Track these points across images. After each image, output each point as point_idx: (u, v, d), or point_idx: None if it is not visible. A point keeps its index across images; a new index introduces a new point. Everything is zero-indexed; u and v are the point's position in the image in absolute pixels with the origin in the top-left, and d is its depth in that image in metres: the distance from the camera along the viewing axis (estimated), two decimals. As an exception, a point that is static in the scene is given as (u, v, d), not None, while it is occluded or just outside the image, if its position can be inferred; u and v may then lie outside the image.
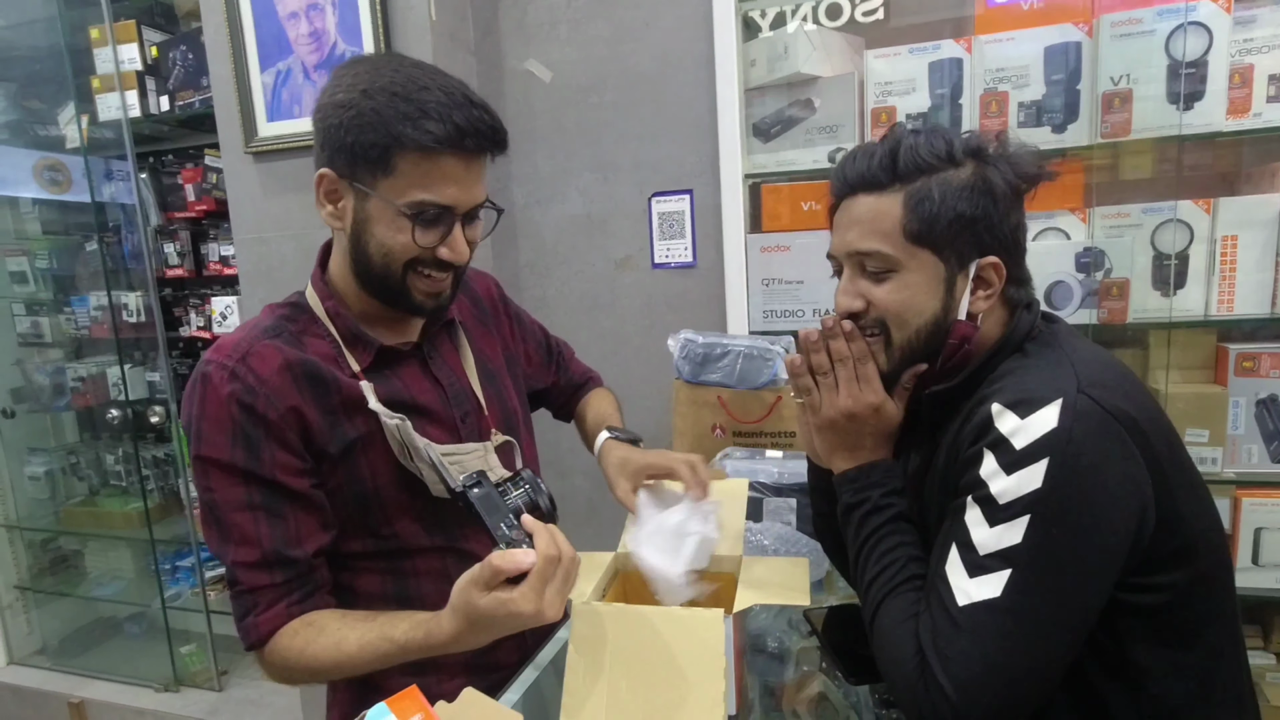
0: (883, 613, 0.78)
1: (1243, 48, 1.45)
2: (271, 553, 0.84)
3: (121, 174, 2.58)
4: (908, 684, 0.72)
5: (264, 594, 0.84)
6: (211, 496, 0.84)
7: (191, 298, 2.75)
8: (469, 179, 0.85)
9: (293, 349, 0.87)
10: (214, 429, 0.83)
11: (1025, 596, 0.68)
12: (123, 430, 2.73)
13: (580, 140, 1.96)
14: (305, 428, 0.85)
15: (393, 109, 0.80)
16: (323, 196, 0.88)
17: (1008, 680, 0.68)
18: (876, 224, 0.79)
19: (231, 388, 0.83)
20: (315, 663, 0.83)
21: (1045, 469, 0.68)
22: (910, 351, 0.82)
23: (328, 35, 1.84)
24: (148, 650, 2.73)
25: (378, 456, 0.89)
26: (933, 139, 0.79)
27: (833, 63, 1.70)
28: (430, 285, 0.89)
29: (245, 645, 0.87)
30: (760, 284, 1.79)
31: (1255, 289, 1.50)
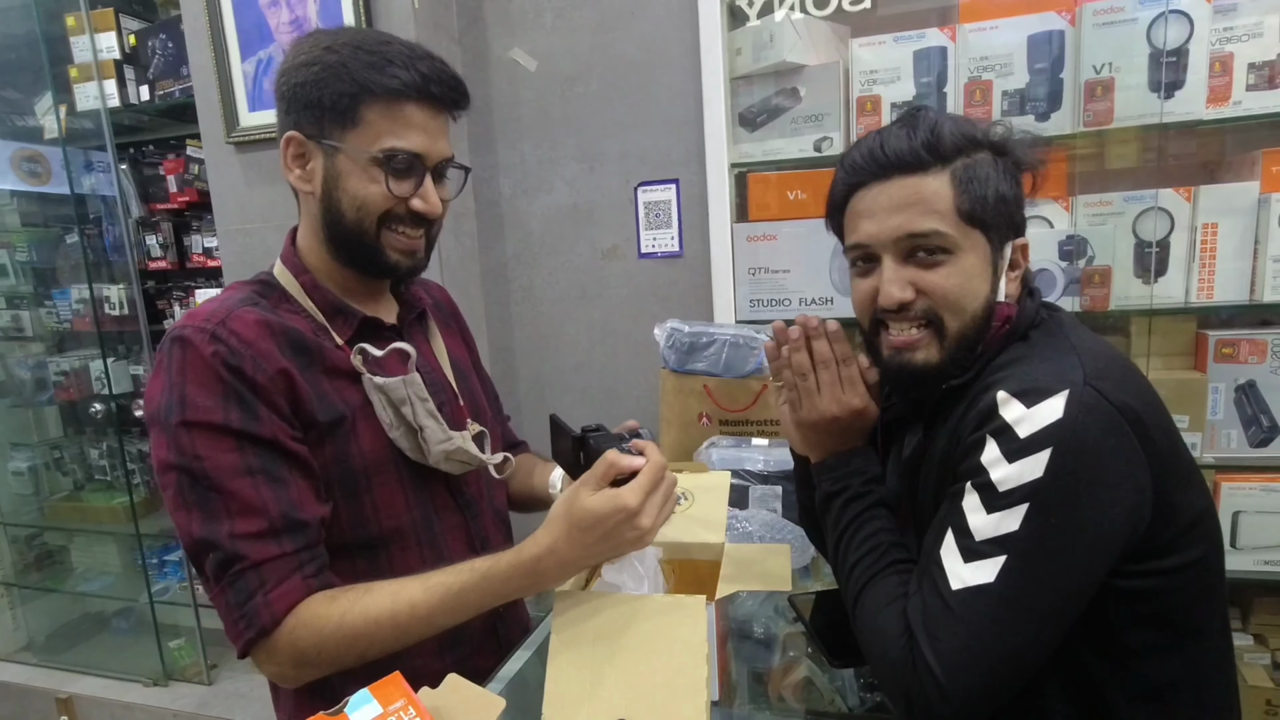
0: (867, 596, 0.78)
1: (1223, 36, 1.46)
2: (280, 518, 0.76)
3: (101, 165, 2.54)
4: (893, 664, 0.72)
5: (273, 567, 0.76)
6: (201, 465, 0.75)
7: (175, 290, 2.72)
8: (435, 129, 0.85)
9: (271, 316, 0.84)
10: (200, 392, 0.76)
11: (1018, 583, 0.69)
12: (107, 424, 2.71)
13: (566, 130, 1.96)
14: (295, 393, 0.81)
15: (357, 60, 0.81)
16: (290, 160, 0.86)
17: (995, 663, 0.69)
18: (930, 204, 0.75)
19: (215, 348, 0.77)
20: (361, 624, 0.75)
21: (1048, 459, 0.68)
22: (964, 341, 0.78)
23: (309, 23, 1.82)
24: (136, 645, 2.72)
25: (366, 432, 0.86)
26: (961, 123, 0.78)
27: (818, 51, 1.70)
28: (404, 243, 0.87)
29: (249, 634, 0.75)
30: (747, 273, 1.80)
31: (1234, 276, 1.52)
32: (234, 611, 0.76)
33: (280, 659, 0.76)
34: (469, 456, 0.91)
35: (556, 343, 2.07)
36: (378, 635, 0.76)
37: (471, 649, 0.95)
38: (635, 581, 0.80)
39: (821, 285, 1.74)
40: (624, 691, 0.67)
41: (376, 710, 0.54)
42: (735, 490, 1.18)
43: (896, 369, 0.81)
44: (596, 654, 0.69)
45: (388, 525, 0.88)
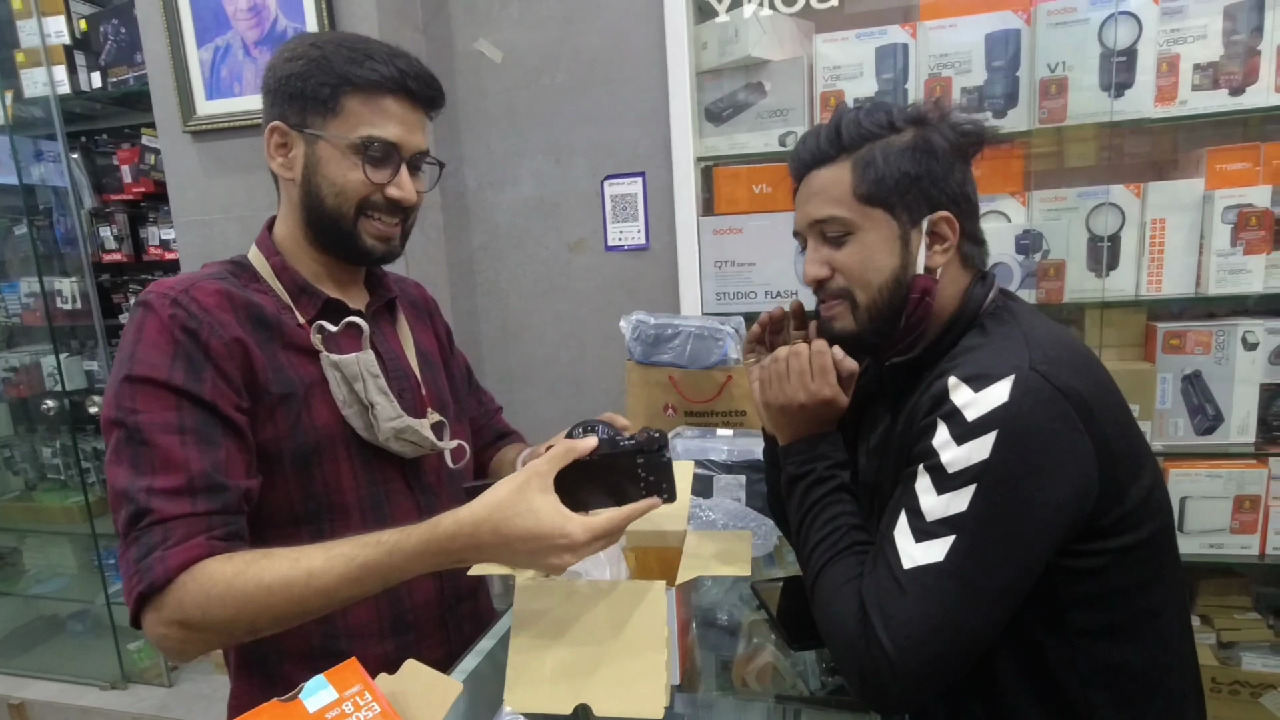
0: (825, 576, 0.80)
1: (1170, 37, 1.51)
2: (200, 477, 0.76)
3: (51, 154, 2.46)
4: (848, 642, 0.74)
5: (180, 524, 0.74)
6: (136, 419, 0.76)
7: (131, 283, 2.65)
8: (412, 122, 0.90)
9: (236, 290, 0.87)
10: (151, 350, 0.79)
11: (967, 561, 0.71)
12: (60, 422, 2.63)
13: (532, 122, 1.95)
14: (249, 363, 0.83)
15: (340, 55, 0.87)
16: (273, 149, 0.90)
17: (946, 640, 0.71)
18: (830, 192, 0.84)
19: (174, 312, 0.80)
20: (255, 589, 0.72)
21: (994, 441, 0.71)
22: (876, 311, 0.84)
23: (268, 11, 1.79)
24: (92, 648, 2.65)
25: (320, 407, 0.88)
26: (873, 111, 0.84)
27: (783, 47, 1.72)
28: (380, 229, 0.91)
29: (140, 588, 0.73)
30: (713, 266, 1.81)
31: (1182, 270, 1.57)
32: (131, 567, 0.74)
33: (165, 617, 0.73)
34: (419, 438, 0.92)
35: (523, 335, 2.06)
36: (270, 602, 0.73)
37: (416, 636, 0.95)
38: (597, 568, 0.81)
39: (787, 278, 1.76)
40: (585, 675, 0.68)
41: (332, 695, 0.54)
42: (699, 479, 1.20)
43: (828, 336, 0.90)
44: (557, 639, 0.70)
45: (335, 501, 0.89)
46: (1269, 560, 1.61)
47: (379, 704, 0.54)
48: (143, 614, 0.75)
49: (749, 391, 1.33)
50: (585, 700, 0.68)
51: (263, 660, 0.92)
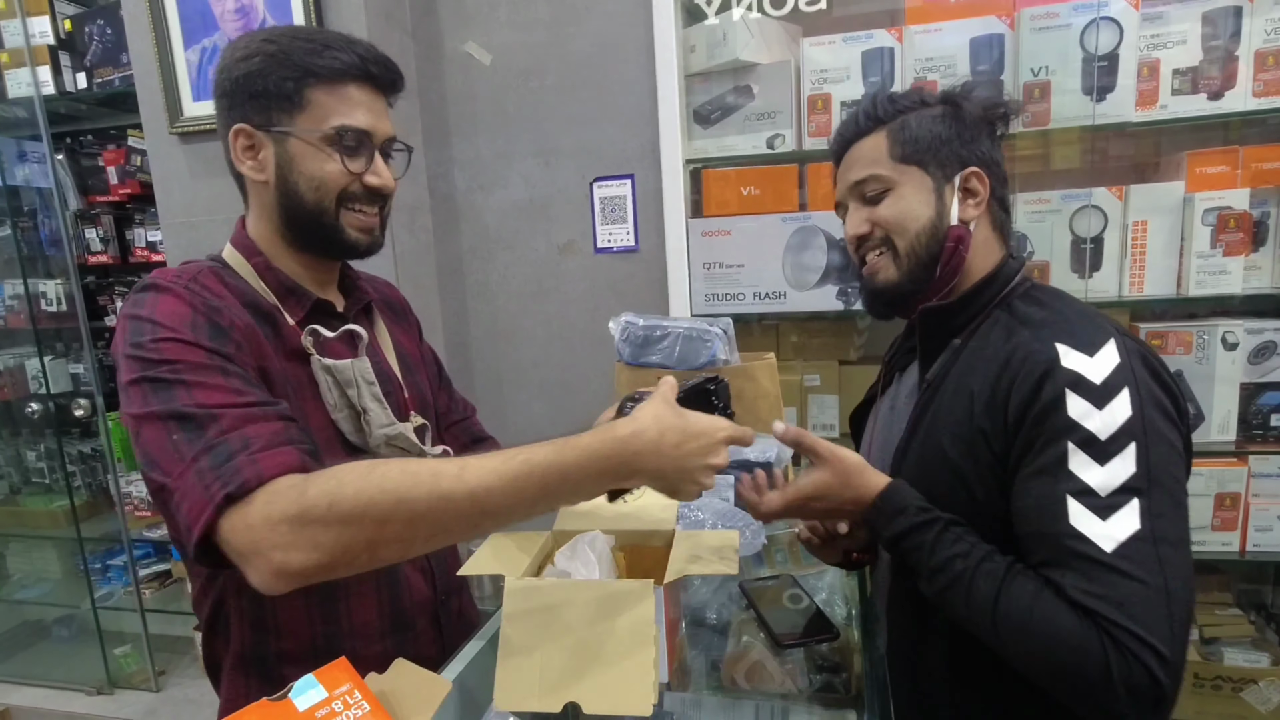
0: (1006, 603, 0.73)
1: (1150, 43, 1.53)
2: (259, 404, 0.72)
3: (36, 155, 2.45)
4: (1081, 651, 0.68)
5: (260, 431, 0.68)
6: (173, 368, 0.70)
7: (117, 285, 2.64)
8: (378, 109, 0.90)
9: (236, 284, 0.86)
10: (172, 316, 0.75)
11: (1160, 519, 0.70)
12: (44, 425, 2.61)
13: (521, 124, 1.95)
14: (260, 350, 0.81)
15: (297, 47, 0.85)
16: (240, 153, 0.88)
17: (1181, 603, 0.69)
18: (869, 156, 0.91)
19: (190, 295, 0.78)
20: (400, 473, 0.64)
21: (1128, 397, 0.73)
22: (915, 257, 0.89)
23: (256, 12, 1.78)
24: (78, 653, 2.63)
25: (310, 412, 0.86)
26: (906, 93, 0.93)
27: (771, 50, 1.73)
28: (362, 220, 0.90)
29: (224, 491, 0.63)
30: (702, 267, 1.82)
31: (1163, 272, 1.59)
32: (207, 476, 0.63)
33: (273, 513, 0.62)
34: (409, 444, 0.93)
35: (513, 337, 2.07)
36: (414, 495, 0.63)
37: (414, 634, 0.96)
38: (586, 568, 0.81)
39: (775, 279, 1.77)
40: (574, 674, 0.68)
41: (321, 694, 0.54)
42: (688, 480, 1.20)
43: (868, 293, 0.96)
44: (547, 638, 0.70)
45: None
46: (1249, 557, 1.63)
47: (368, 702, 0.54)
48: (223, 523, 0.63)
49: (738, 391, 1.34)
50: (574, 699, 0.68)
51: (261, 660, 0.88)
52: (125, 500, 2.60)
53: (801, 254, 1.74)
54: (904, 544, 0.82)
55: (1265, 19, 1.48)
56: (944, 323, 0.91)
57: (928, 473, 0.85)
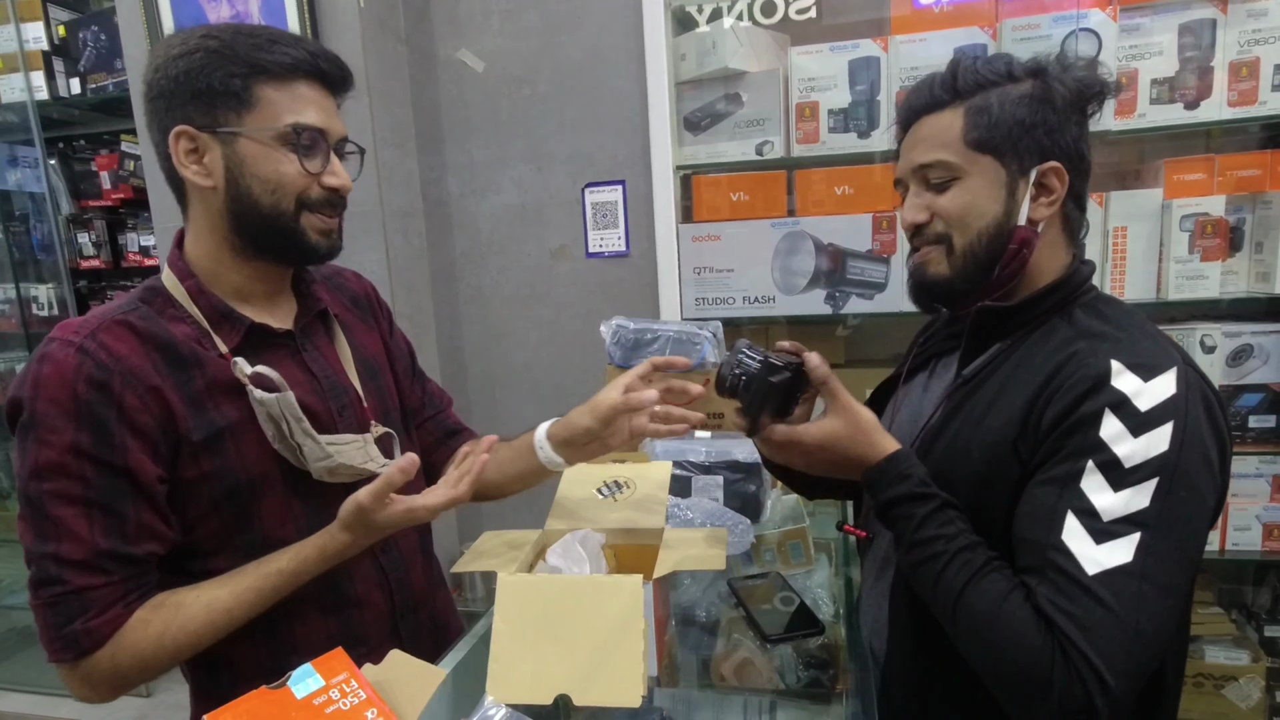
0: (970, 598, 0.72)
1: (1129, 53, 1.57)
2: (108, 551, 0.76)
3: (28, 160, 2.45)
4: (1030, 662, 0.68)
5: (97, 595, 0.76)
6: (39, 487, 0.74)
7: (110, 290, 2.64)
8: (329, 108, 0.86)
9: (149, 326, 0.81)
10: (52, 409, 0.74)
11: (1155, 560, 0.67)
12: (35, 429, 2.61)
13: (514, 131, 1.97)
14: (168, 412, 0.79)
15: (242, 42, 0.80)
16: (183, 157, 0.82)
17: (1146, 644, 0.67)
18: (939, 137, 0.82)
19: (80, 362, 0.75)
20: (182, 638, 0.79)
21: (1170, 432, 0.69)
22: (972, 257, 0.82)
23: (250, 19, 1.80)
24: (67, 658, 2.62)
25: (250, 444, 0.83)
26: (992, 60, 0.82)
27: (759, 59, 1.76)
28: (321, 224, 0.86)
29: (68, 655, 0.76)
30: (692, 272, 1.84)
31: (1143, 277, 1.63)
32: (52, 632, 0.76)
33: (97, 681, 0.78)
34: (354, 471, 0.88)
35: (506, 341, 2.08)
36: (200, 644, 0.81)
37: (369, 649, 0.86)
38: (578, 565, 0.83)
39: (764, 284, 1.80)
40: (564, 667, 0.70)
41: (319, 683, 0.55)
42: (678, 480, 1.22)
43: (915, 283, 0.89)
44: (538, 632, 0.72)
45: (273, 535, 0.85)
46: (1229, 556, 1.67)
47: (365, 691, 0.56)
48: (65, 674, 0.78)
49: (726, 394, 1.36)
50: (565, 691, 0.70)
51: (217, 681, 0.90)
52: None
53: (790, 259, 1.77)
54: (895, 510, 0.79)
55: (1238, 31, 1.52)
56: (997, 324, 0.84)
57: (950, 469, 0.82)
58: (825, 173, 1.75)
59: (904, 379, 1.01)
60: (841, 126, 1.73)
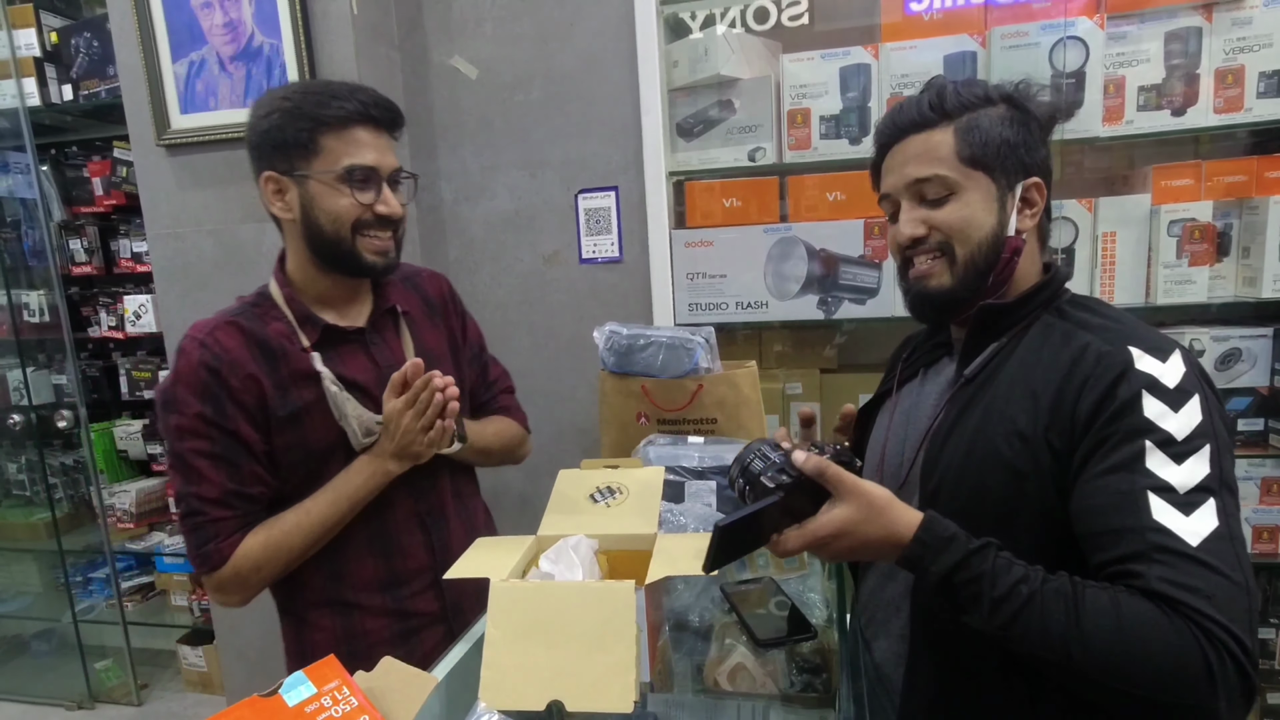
0: (1089, 623, 0.69)
1: (1116, 61, 1.58)
2: (233, 491, 1.03)
3: (20, 166, 2.45)
4: (1181, 648, 0.66)
5: (225, 524, 1.03)
6: (181, 446, 1.02)
7: (101, 296, 2.63)
8: (382, 145, 1.06)
9: (252, 326, 1.06)
10: (185, 389, 1.02)
11: (1232, 519, 0.70)
12: (26, 437, 2.59)
13: (507, 137, 1.98)
14: (261, 393, 1.04)
15: (308, 101, 1.02)
16: (271, 196, 1.06)
17: (1253, 598, 0.69)
18: (933, 154, 0.87)
19: (201, 355, 1.02)
20: (281, 539, 1.05)
21: (1199, 403, 0.74)
22: (972, 266, 0.87)
23: (244, 26, 1.80)
24: (58, 667, 2.60)
25: (320, 420, 1.07)
26: (970, 85, 0.88)
27: (751, 66, 1.77)
28: (376, 244, 1.07)
29: (205, 569, 1.04)
30: (685, 278, 1.85)
31: (1132, 281, 1.64)
32: (195, 550, 1.04)
33: (228, 587, 1.05)
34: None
35: (499, 347, 2.06)
36: (293, 544, 1.06)
37: (409, 591, 1.17)
38: (570, 571, 0.83)
39: (757, 289, 1.81)
40: (557, 673, 0.70)
41: (310, 690, 0.56)
42: (671, 486, 1.22)
43: (917, 296, 0.92)
44: (530, 638, 0.72)
45: None
46: (1218, 558, 1.67)
47: (356, 698, 0.56)
48: (205, 584, 1.06)
49: (720, 399, 1.37)
50: (558, 696, 0.70)
51: (293, 606, 1.16)
52: (108, 512, 2.58)
53: (783, 264, 1.78)
54: (960, 576, 0.73)
55: (1224, 39, 1.54)
56: (996, 321, 0.89)
57: (975, 469, 0.83)
58: (817, 179, 1.76)
59: (895, 390, 1.03)
60: (833, 133, 1.74)
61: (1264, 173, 1.56)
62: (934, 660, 0.90)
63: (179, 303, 1.98)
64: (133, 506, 2.61)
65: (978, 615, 0.73)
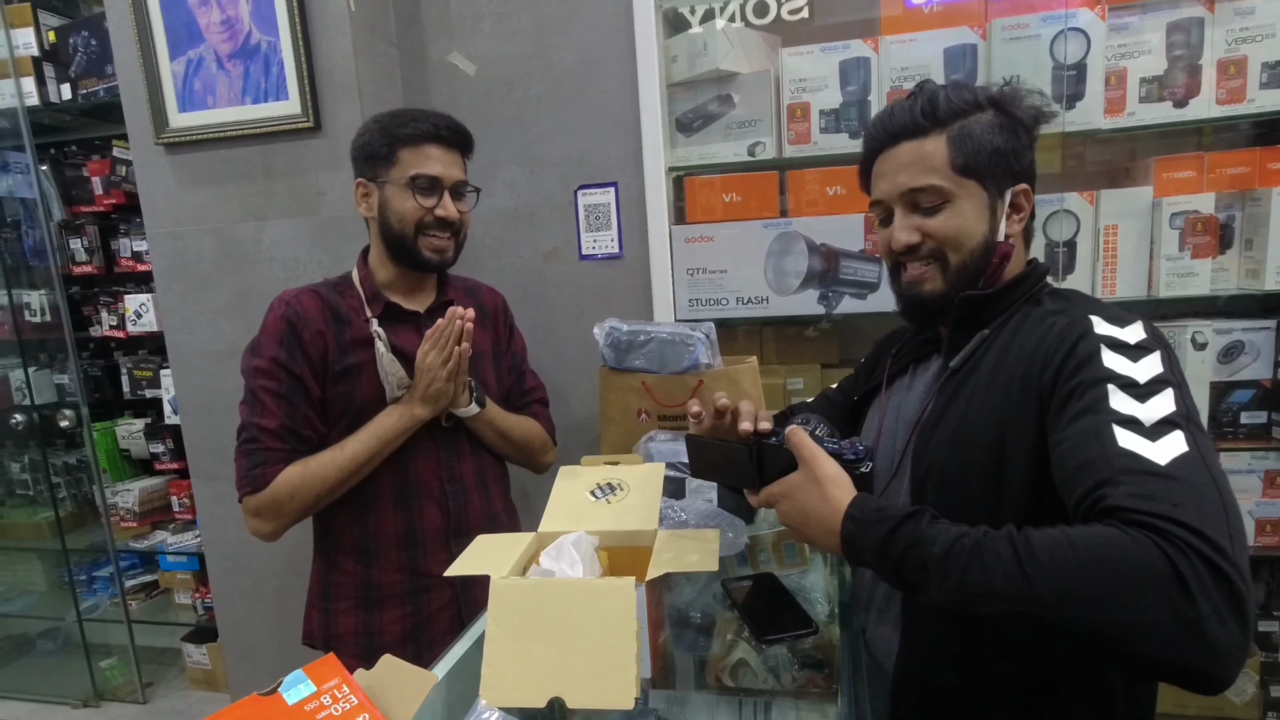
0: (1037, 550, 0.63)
1: (1117, 52, 1.57)
2: (286, 428, 1.22)
3: (19, 166, 2.44)
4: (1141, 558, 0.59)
5: (275, 454, 1.22)
6: (255, 382, 1.22)
7: (102, 295, 2.63)
8: (449, 161, 1.28)
9: (329, 296, 1.29)
10: (267, 337, 1.24)
11: (1202, 448, 0.67)
12: (29, 436, 2.60)
13: (506, 134, 1.97)
14: (325, 349, 1.25)
15: (392, 122, 1.27)
16: (359, 199, 1.30)
17: (1235, 517, 0.63)
18: (926, 162, 0.88)
19: (284, 311, 1.25)
20: (316, 469, 1.22)
21: (1159, 358, 0.75)
22: (964, 273, 0.90)
23: (241, 23, 1.80)
24: (63, 666, 2.62)
25: (367, 380, 1.28)
26: (960, 90, 0.89)
27: (750, 60, 1.76)
28: (434, 243, 1.29)
29: (248, 488, 1.21)
30: (685, 273, 1.85)
31: (1134, 274, 1.63)
32: (243, 470, 1.22)
33: (265, 511, 1.22)
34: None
35: (500, 344, 2.08)
36: (327, 475, 1.23)
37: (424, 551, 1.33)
38: (571, 568, 0.83)
39: (757, 285, 1.80)
40: (557, 669, 0.70)
41: (310, 689, 0.55)
42: (671, 481, 1.22)
43: (910, 300, 0.95)
44: (531, 635, 0.72)
45: None
46: (1221, 551, 1.67)
47: (356, 696, 0.56)
48: (245, 505, 1.23)
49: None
50: (559, 693, 0.70)
51: (324, 547, 1.35)
52: (111, 511, 2.59)
53: (783, 259, 1.77)
54: (895, 545, 0.70)
55: (1226, 29, 1.53)
56: (979, 312, 0.91)
57: (960, 453, 0.85)
58: (817, 173, 1.75)
59: (885, 386, 1.06)
60: (833, 127, 1.73)
61: (1267, 164, 1.55)
62: (925, 647, 0.91)
63: (179, 301, 1.98)
64: (136, 505, 2.61)
65: (931, 584, 0.68)
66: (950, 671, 0.88)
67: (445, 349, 1.23)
